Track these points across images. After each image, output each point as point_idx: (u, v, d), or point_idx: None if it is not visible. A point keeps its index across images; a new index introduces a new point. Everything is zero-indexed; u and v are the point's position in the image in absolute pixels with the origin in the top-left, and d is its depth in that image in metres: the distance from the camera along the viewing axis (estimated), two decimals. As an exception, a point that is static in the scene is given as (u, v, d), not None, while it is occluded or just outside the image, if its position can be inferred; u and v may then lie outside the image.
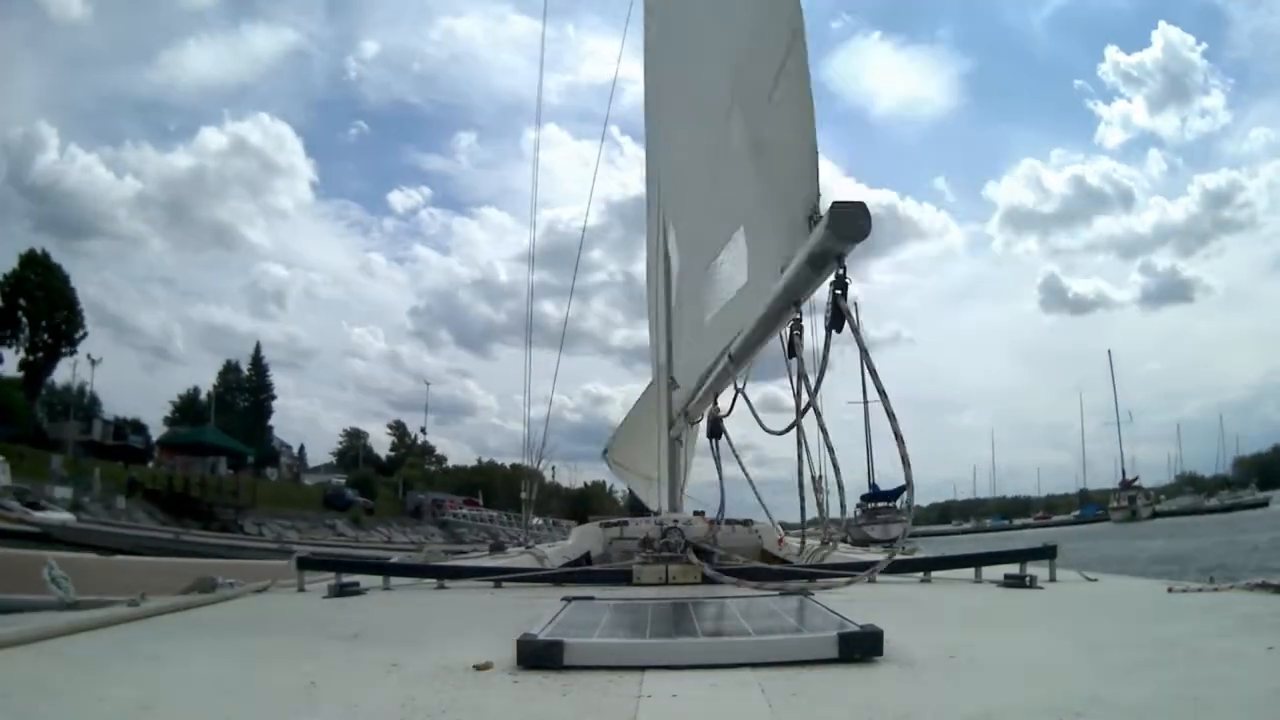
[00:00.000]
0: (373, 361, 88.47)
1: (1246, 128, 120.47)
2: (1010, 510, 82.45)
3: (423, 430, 57.84)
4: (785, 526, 4.03)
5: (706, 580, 2.45)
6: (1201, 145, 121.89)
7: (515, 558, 3.38)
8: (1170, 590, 2.01)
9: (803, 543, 3.43)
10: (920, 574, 2.49)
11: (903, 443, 2.11)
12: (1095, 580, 2.35)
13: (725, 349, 3.05)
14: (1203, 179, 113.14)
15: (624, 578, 2.50)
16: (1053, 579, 2.31)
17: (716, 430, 3.67)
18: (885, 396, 2.13)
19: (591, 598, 1.79)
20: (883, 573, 2.52)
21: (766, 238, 2.76)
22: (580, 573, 2.83)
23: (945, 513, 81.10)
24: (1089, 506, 66.97)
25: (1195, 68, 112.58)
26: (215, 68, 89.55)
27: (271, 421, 50.55)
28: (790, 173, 2.52)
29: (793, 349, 2.45)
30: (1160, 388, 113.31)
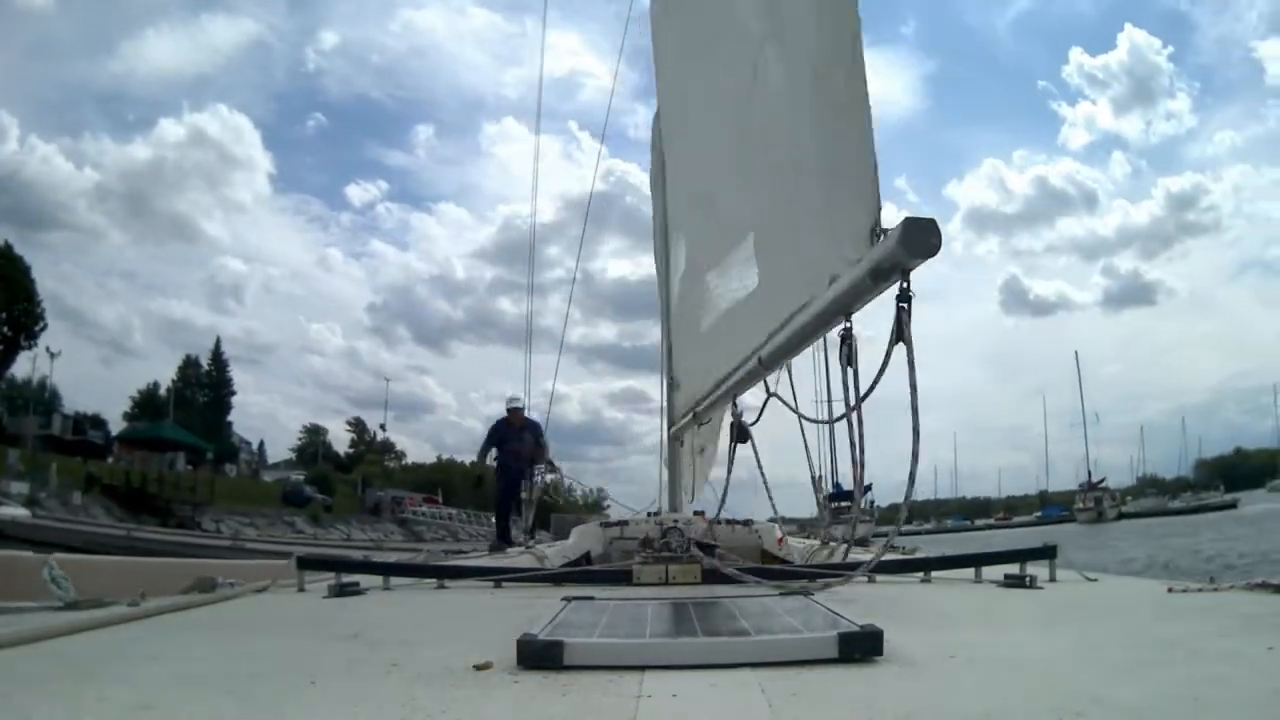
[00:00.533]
0: (331, 358, 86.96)
1: (1211, 131, 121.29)
2: (971, 511, 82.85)
3: (382, 427, 57.66)
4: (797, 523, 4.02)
5: (706, 580, 2.45)
6: (1166, 148, 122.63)
7: (515, 558, 3.39)
8: (1170, 590, 2.01)
9: (849, 545, 3.41)
10: (920, 574, 2.49)
11: (917, 453, 2.13)
12: (1095, 580, 2.35)
13: (755, 352, 3.02)
14: (1167, 182, 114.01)
15: (624, 578, 2.50)
16: (1053, 579, 2.31)
17: (744, 435, 3.54)
18: (916, 414, 2.15)
19: (591, 598, 1.79)
20: (882, 573, 2.52)
21: (800, 246, 2.76)
22: (580, 573, 2.83)
23: (915, 512, 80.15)
24: (1051, 508, 67.16)
25: (1161, 70, 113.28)
26: (174, 58, 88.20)
27: (231, 417, 50.19)
28: (844, 184, 2.51)
29: (850, 357, 2.43)
30: (1121, 390, 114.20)
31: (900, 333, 2.14)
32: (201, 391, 48.07)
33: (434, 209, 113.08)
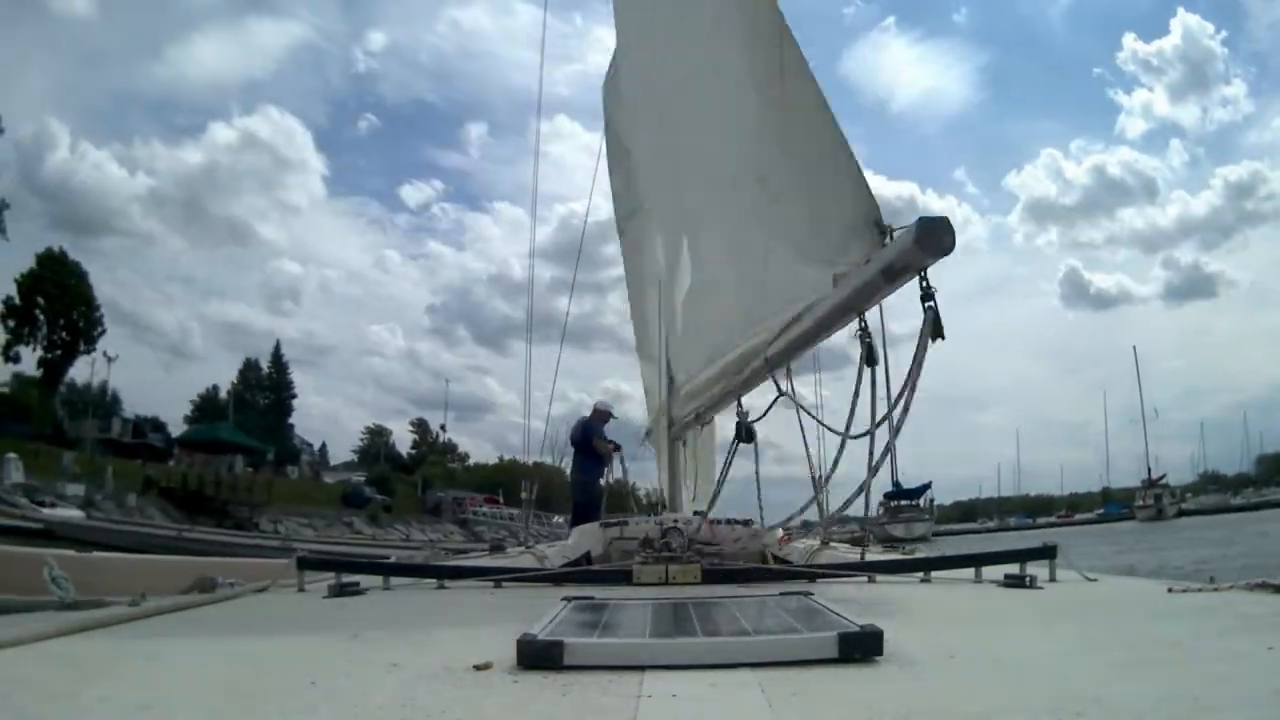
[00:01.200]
0: (391, 359, 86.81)
1: (1270, 117, 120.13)
2: (1034, 508, 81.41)
3: (442, 428, 57.55)
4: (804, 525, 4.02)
5: (706, 580, 2.45)
6: (1223, 135, 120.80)
7: (515, 558, 3.38)
8: (1170, 590, 2.01)
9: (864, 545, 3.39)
10: (920, 574, 2.49)
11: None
12: (1095, 580, 2.35)
13: (760, 352, 3.01)
14: (1225, 171, 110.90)
15: (624, 578, 2.50)
16: (1053, 579, 2.31)
17: (750, 435, 3.50)
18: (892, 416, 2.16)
19: (591, 598, 1.79)
20: (883, 573, 2.52)
21: (786, 244, 2.75)
22: (580, 573, 2.83)
23: (969, 511, 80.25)
24: (1112, 505, 65.96)
25: (1215, 56, 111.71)
26: (222, 62, 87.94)
27: (292, 420, 50.46)
28: (830, 180, 2.51)
29: (871, 356, 2.40)
30: (1182, 385, 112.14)
31: (938, 331, 2.13)
32: (262, 394, 48.32)
33: (489, 208, 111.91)
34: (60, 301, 35.62)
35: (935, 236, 1.93)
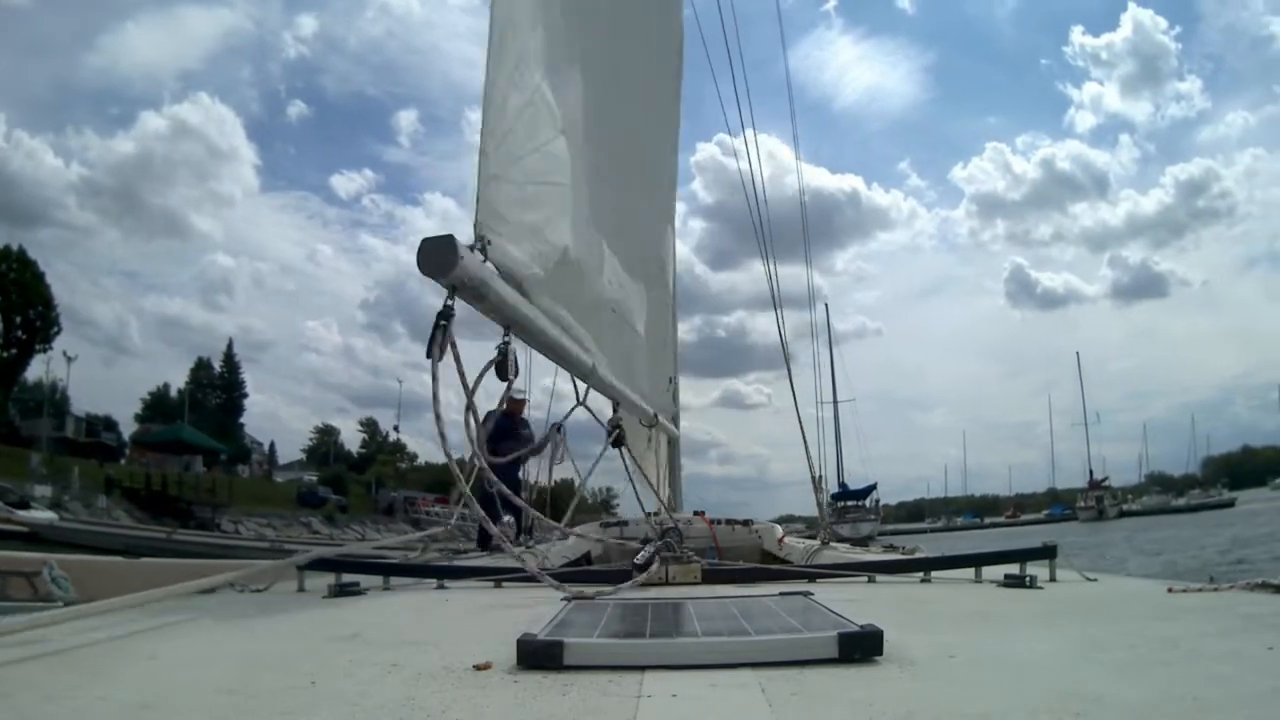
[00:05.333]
0: (328, 355, 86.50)
1: (1224, 113, 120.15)
2: (981, 509, 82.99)
3: (395, 429, 57.28)
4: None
5: (706, 580, 2.45)
6: (1176, 132, 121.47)
7: (515, 558, 3.38)
8: (1170, 590, 2.01)
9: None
10: (920, 574, 2.49)
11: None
12: (1095, 580, 2.35)
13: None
14: (1176, 169, 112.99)
15: (624, 578, 2.50)
16: (1053, 579, 2.31)
17: (619, 440, 3.35)
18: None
19: (592, 598, 1.79)
20: (883, 573, 2.52)
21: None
22: (580, 573, 2.83)
23: (915, 511, 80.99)
24: (1056, 506, 67.53)
25: (1169, 51, 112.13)
26: (155, 50, 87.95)
27: (242, 419, 49.84)
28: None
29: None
30: (1131, 386, 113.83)
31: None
32: (214, 393, 48.04)
33: (421, 200, 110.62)
34: (17, 299, 34.88)
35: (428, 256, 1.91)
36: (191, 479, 31.97)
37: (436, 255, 1.90)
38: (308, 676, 1.20)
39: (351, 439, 58.65)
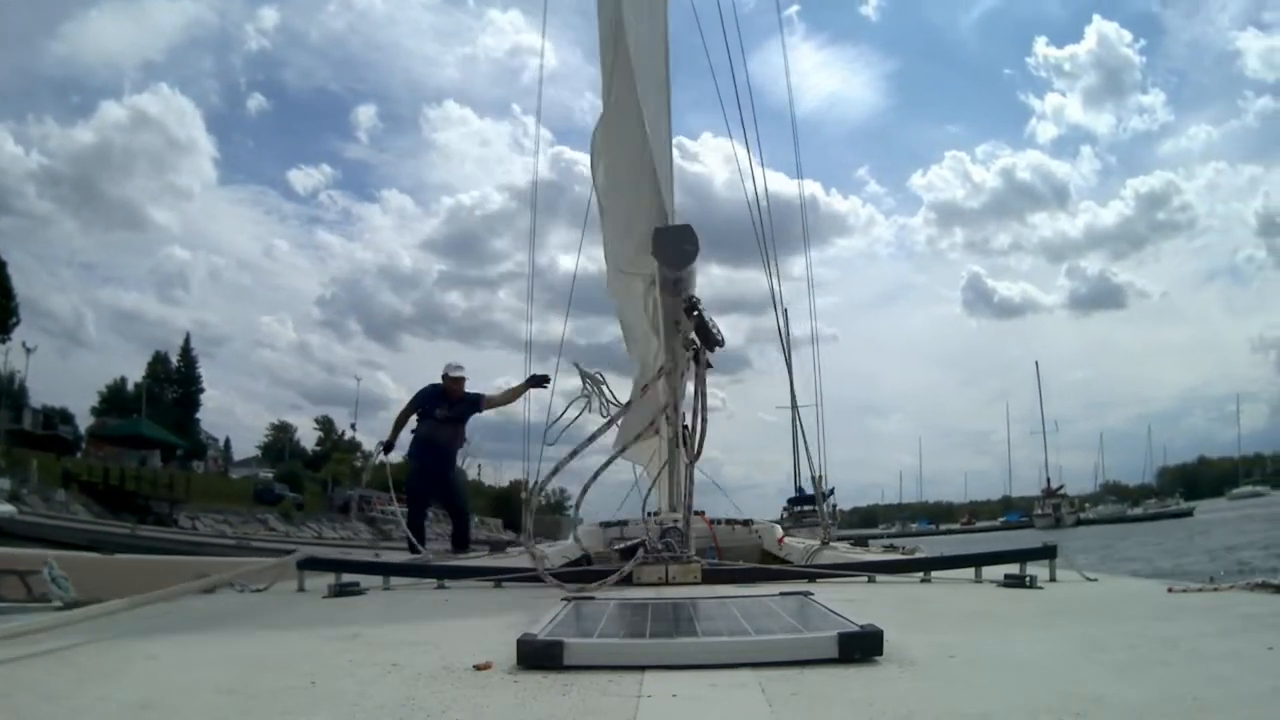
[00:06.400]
0: (283, 351, 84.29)
1: (1187, 126, 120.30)
2: (935, 515, 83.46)
3: (352, 426, 55.71)
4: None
5: (706, 580, 2.45)
6: (1138, 144, 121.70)
7: (515, 558, 3.38)
8: (1170, 590, 2.01)
9: None
10: (920, 574, 2.49)
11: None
12: (1095, 580, 2.35)
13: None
14: (1136, 182, 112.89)
15: (624, 577, 2.49)
16: (1053, 579, 2.31)
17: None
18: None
19: (592, 598, 1.79)
20: (883, 573, 2.52)
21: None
22: (580, 572, 2.83)
23: (869, 517, 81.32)
24: (1012, 513, 68.25)
25: (1133, 64, 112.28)
26: (118, 40, 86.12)
27: (198, 414, 48.94)
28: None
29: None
30: (1088, 396, 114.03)
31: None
32: (170, 388, 47.42)
33: (379, 196, 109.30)
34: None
35: (667, 247, 1.93)
36: (149, 474, 31.61)
37: (674, 245, 1.92)
38: (308, 676, 1.20)
39: (307, 436, 58.03)
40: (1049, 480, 62.42)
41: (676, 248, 2.08)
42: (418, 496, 6.40)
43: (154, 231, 76.21)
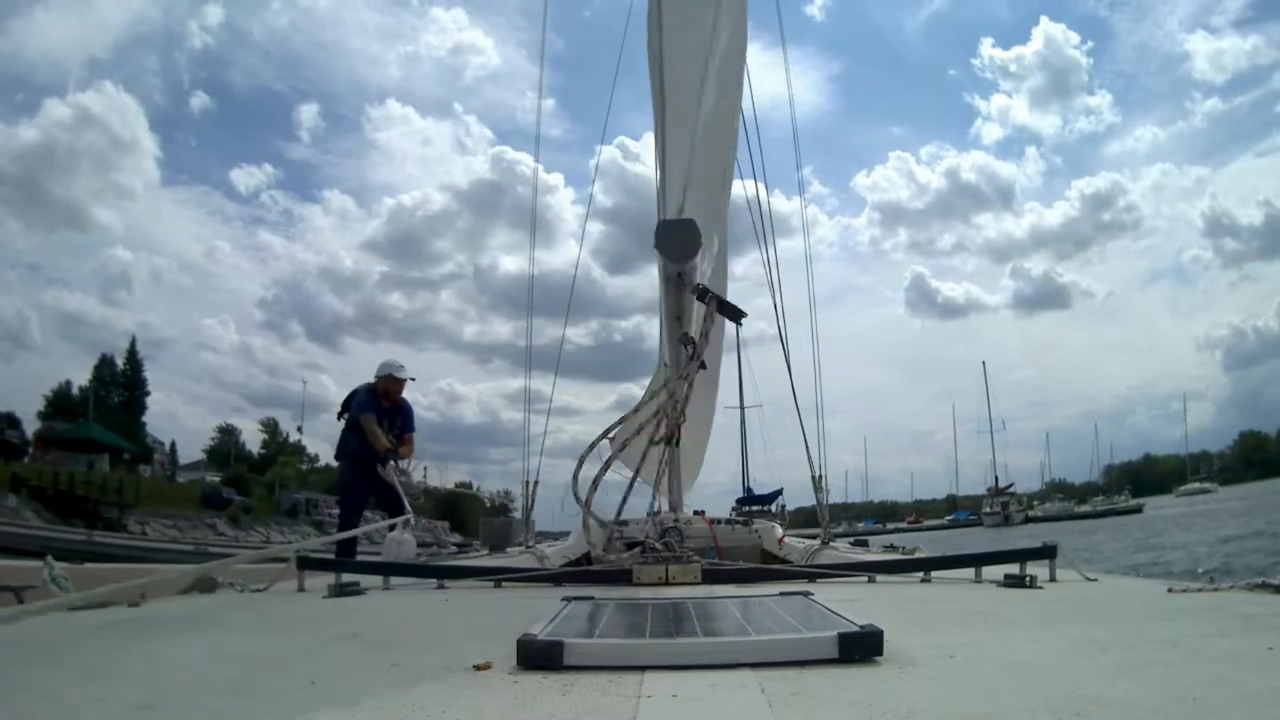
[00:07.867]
0: (225, 354, 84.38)
1: (1133, 127, 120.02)
2: (882, 514, 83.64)
3: (299, 429, 56.35)
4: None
5: (706, 580, 2.45)
6: (1084, 145, 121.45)
7: (515, 558, 3.38)
8: (1170, 590, 2.01)
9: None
10: (920, 574, 2.49)
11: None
12: (1095, 580, 2.36)
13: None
14: (1082, 182, 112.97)
15: (624, 577, 2.50)
16: (1053, 579, 2.31)
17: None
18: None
19: (591, 598, 1.79)
20: (883, 573, 2.53)
21: None
22: (580, 572, 2.83)
23: (814, 517, 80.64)
24: (960, 512, 68.45)
25: (1079, 65, 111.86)
26: (63, 37, 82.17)
27: (144, 418, 48.45)
28: None
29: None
30: (1033, 395, 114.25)
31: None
32: (116, 391, 47.03)
33: (320, 197, 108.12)
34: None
35: (670, 240, 1.96)
36: (98, 478, 31.33)
37: (677, 239, 1.94)
38: (308, 676, 1.20)
39: (252, 439, 57.75)
40: (997, 479, 63.05)
41: (679, 241, 2.10)
42: (353, 507, 5.93)
43: (97, 232, 75.71)
